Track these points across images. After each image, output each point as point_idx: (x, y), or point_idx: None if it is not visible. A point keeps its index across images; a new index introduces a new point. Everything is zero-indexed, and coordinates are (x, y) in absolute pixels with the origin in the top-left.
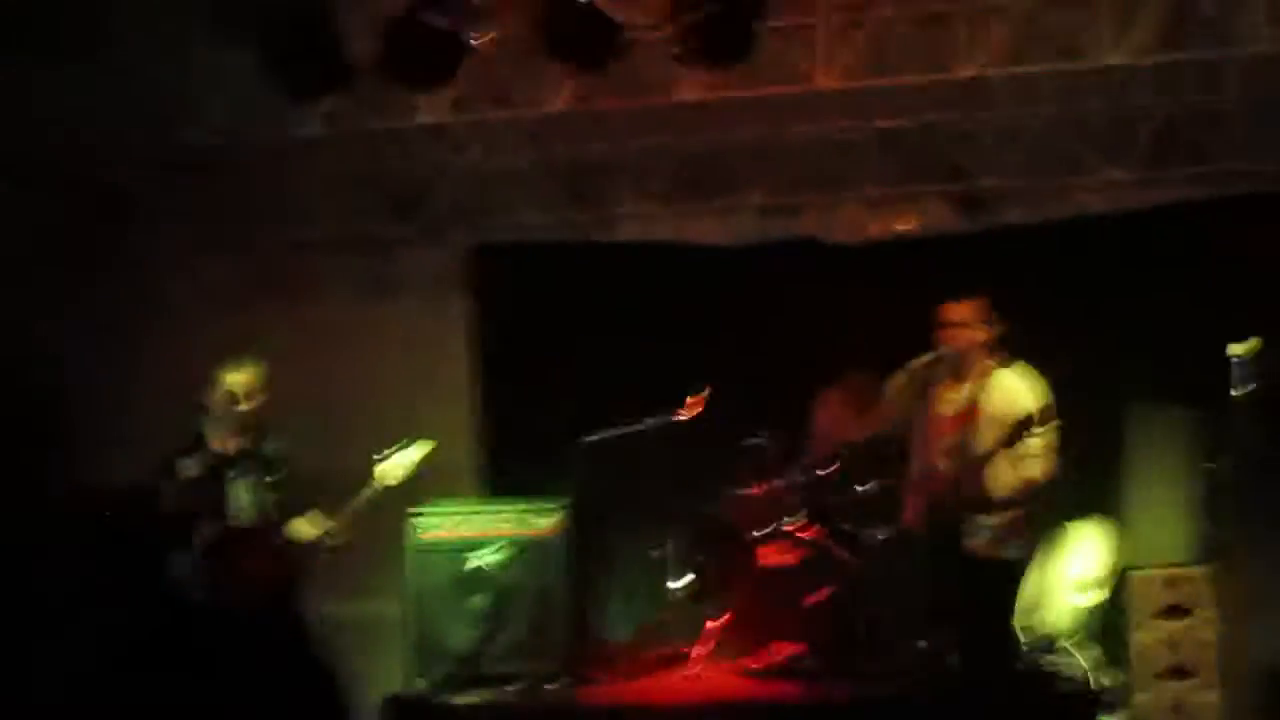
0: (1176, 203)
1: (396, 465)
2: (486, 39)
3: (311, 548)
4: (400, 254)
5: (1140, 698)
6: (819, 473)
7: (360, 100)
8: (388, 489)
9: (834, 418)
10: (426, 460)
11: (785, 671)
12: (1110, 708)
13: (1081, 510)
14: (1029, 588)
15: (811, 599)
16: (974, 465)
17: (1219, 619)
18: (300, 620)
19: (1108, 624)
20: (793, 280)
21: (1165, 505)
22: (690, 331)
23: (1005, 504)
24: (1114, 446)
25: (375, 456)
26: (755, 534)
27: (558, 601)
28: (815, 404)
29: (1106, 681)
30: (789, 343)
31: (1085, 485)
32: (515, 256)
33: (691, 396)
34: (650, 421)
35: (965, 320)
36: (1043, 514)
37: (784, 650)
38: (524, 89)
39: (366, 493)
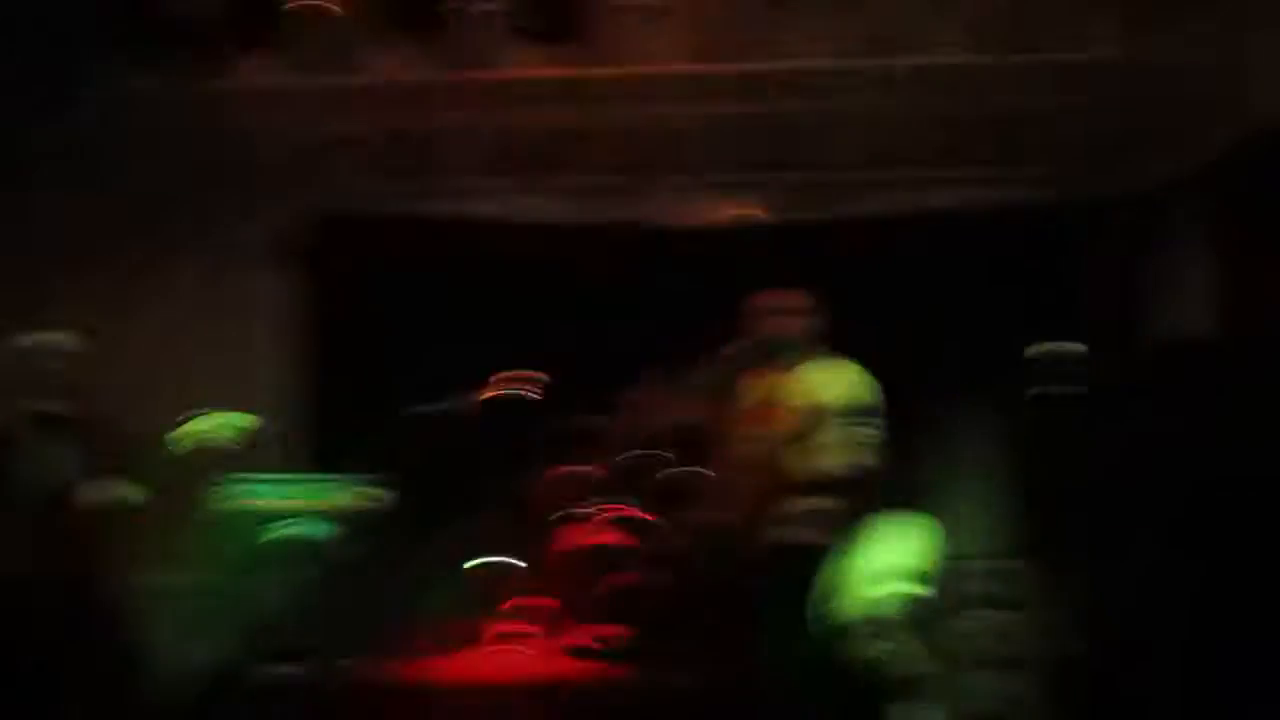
0: (1013, 203)
1: (204, 429)
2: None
3: (118, 513)
4: (223, 219)
5: (957, 686)
6: (631, 455)
7: (189, 58)
8: (201, 453)
9: (648, 403)
10: (242, 431)
11: (586, 652)
12: (922, 695)
13: (900, 503)
14: (832, 576)
15: (618, 580)
16: (796, 451)
17: (1033, 610)
18: (101, 588)
19: (927, 615)
20: (620, 263)
21: (985, 501)
22: (517, 310)
23: (823, 491)
24: (937, 442)
25: (179, 419)
26: (566, 513)
27: (368, 577)
28: (632, 388)
29: (920, 670)
30: (613, 327)
31: (905, 479)
32: (343, 226)
33: (512, 374)
34: (469, 398)
35: (779, 308)
36: (854, 506)
37: (587, 632)
38: (356, 55)
39: (174, 454)
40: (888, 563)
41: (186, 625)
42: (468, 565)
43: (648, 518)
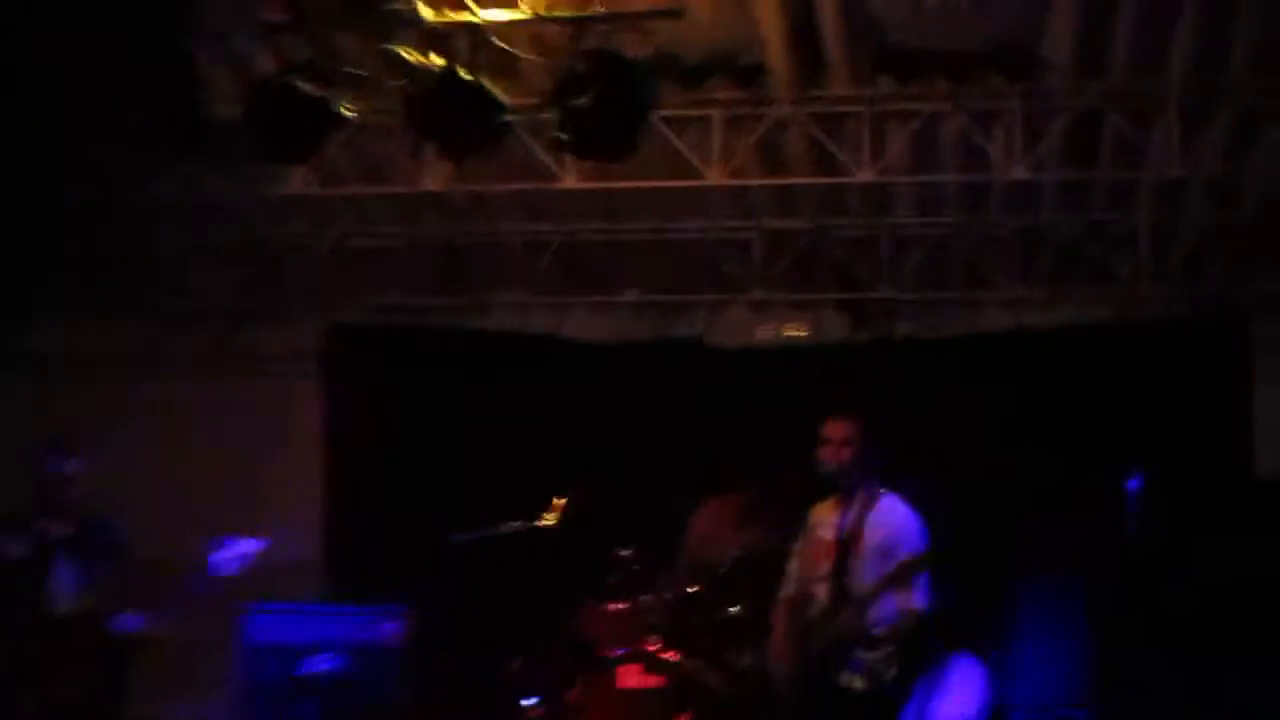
0: (1076, 324)
1: (231, 558)
2: (359, 110)
3: (138, 641)
4: (252, 330)
5: None
6: (687, 590)
7: (222, 165)
8: (222, 580)
9: (708, 532)
10: (262, 555)
11: None
12: None
13: (959, 644)
14: None
15: None
16: (857, 598)
17: None
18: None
19: None
20: (672, 383)
21: (1048, 642)
22: (560, 431)
23: (884, 638)
24: (998, 578)
25: (213, 544)
26: (615, 652)
27: (386, 708)
28: (690, 516)
29: None
30: (664, 449)
31: (964, 618)
32: (375, 339)
33: (556, 500)
34: (511, 526)
35: (847, 438)
36: (912, 652)
37: None
38: (398, 164)
39: (204, 583)
40: (959, 710)
41: None
42: (517, 705)
43: (705, 657)
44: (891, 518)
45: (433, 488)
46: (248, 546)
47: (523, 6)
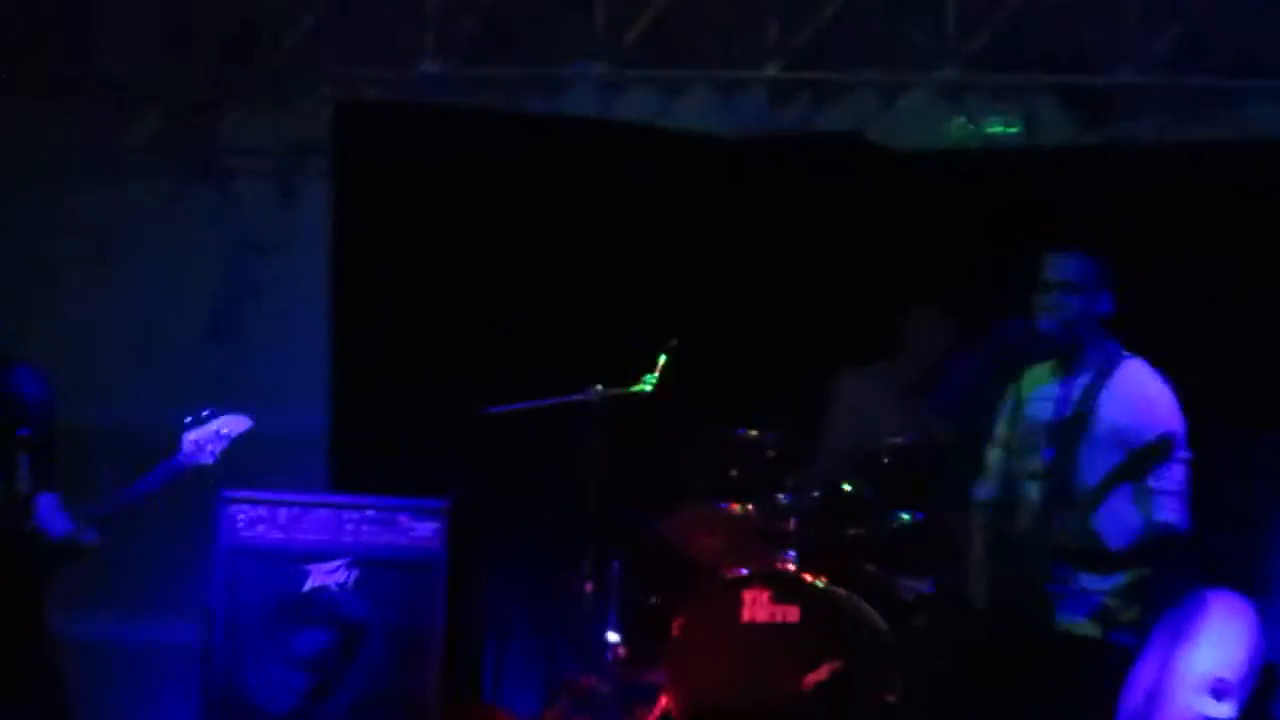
0: None
1: (206, 439)
2: None
3: (71, 542)
4: (231, 114)
5: None
6: (836, 488)
7: None
8: (196, 469)
9: (867, 407)
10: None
11: None
12: None
13: (1213, 577)
14: (1139, 685)
15: (814, 676)
16: (1084, 499)
17: None
18: (40, 643)
19: None
20: (821, 196)
21: None
22: (660, 260)
23: (1124, 560)
24: (1260, 489)
25: (187, 421)
26: (735, 573)
27: (428, 649)
28: (841, 385)
29: None
30: (807, 291)
31: (1226, 542)
32: (401, 123)
33: (650, 359)
34: (587, 392)
35: (1074, 280)
36: (1165, 578)
37: None
38: None
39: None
40: (1216, 666)
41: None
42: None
43: (861, 583)
44: (1136, 390)
45: (480, 337)
46: (230, 425)
47: None
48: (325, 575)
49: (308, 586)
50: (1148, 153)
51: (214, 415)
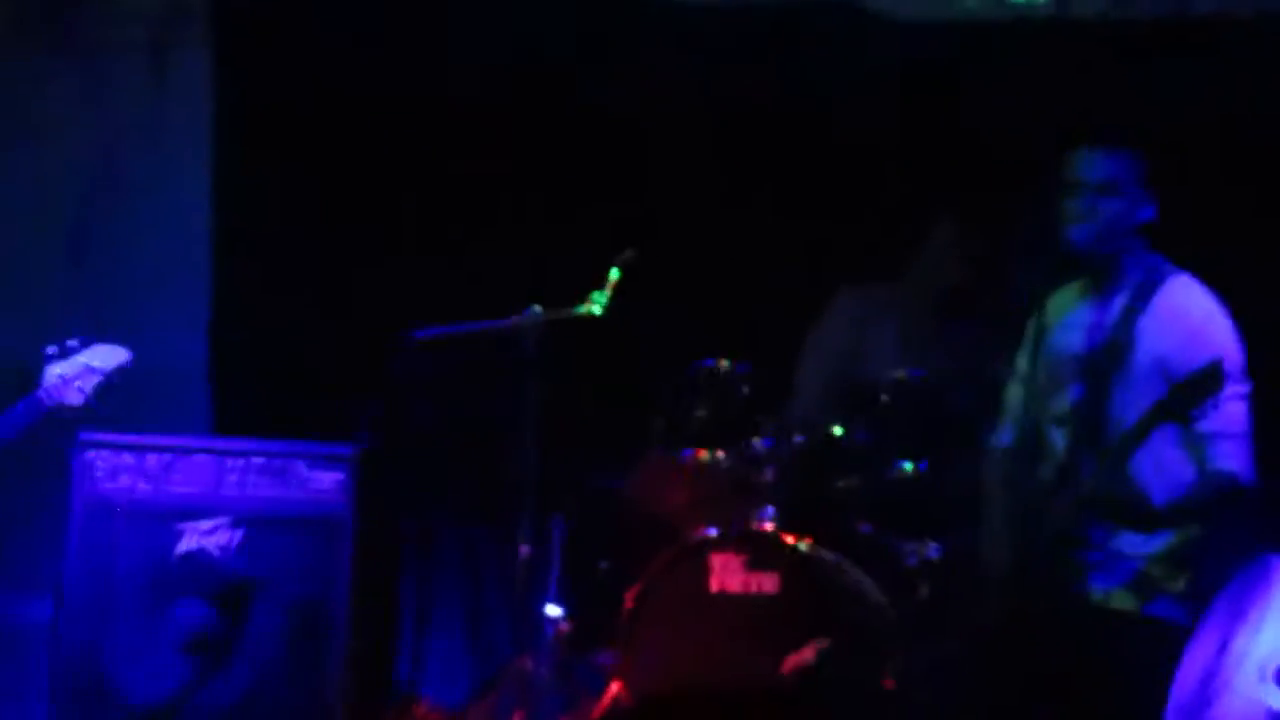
0: None
1: (73, 376)
2: None
3: None
4: None
5: None
6: (823, 433)
7: None
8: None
9: (858, 339)
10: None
11: None
12: None
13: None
14: (1193, 669)
15: (796, 657)
16: (1121, 444)
17: None
18: None
19: None
20: (806, 78)
21: None
22: (598, 156)
23: (1170, 518)
24: None
25: (49, 352)
26: (703, 534)
27: (331, 627)
28: (830, 308)
29: None
30: (790, 194)
31: None
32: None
33: (599, 274)
34: (525, 315)
35: (1111, 179)
36: (1221, 542)
37: None
38: None
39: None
40: (1272, 651)
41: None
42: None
43: (853, 544)
44: (1184, 313)
45: (394, 248)
46: (102, 358)
47: None
48: (204, 536)
49: (183, 549)
50: (1206, 27)
51: (83, 345)
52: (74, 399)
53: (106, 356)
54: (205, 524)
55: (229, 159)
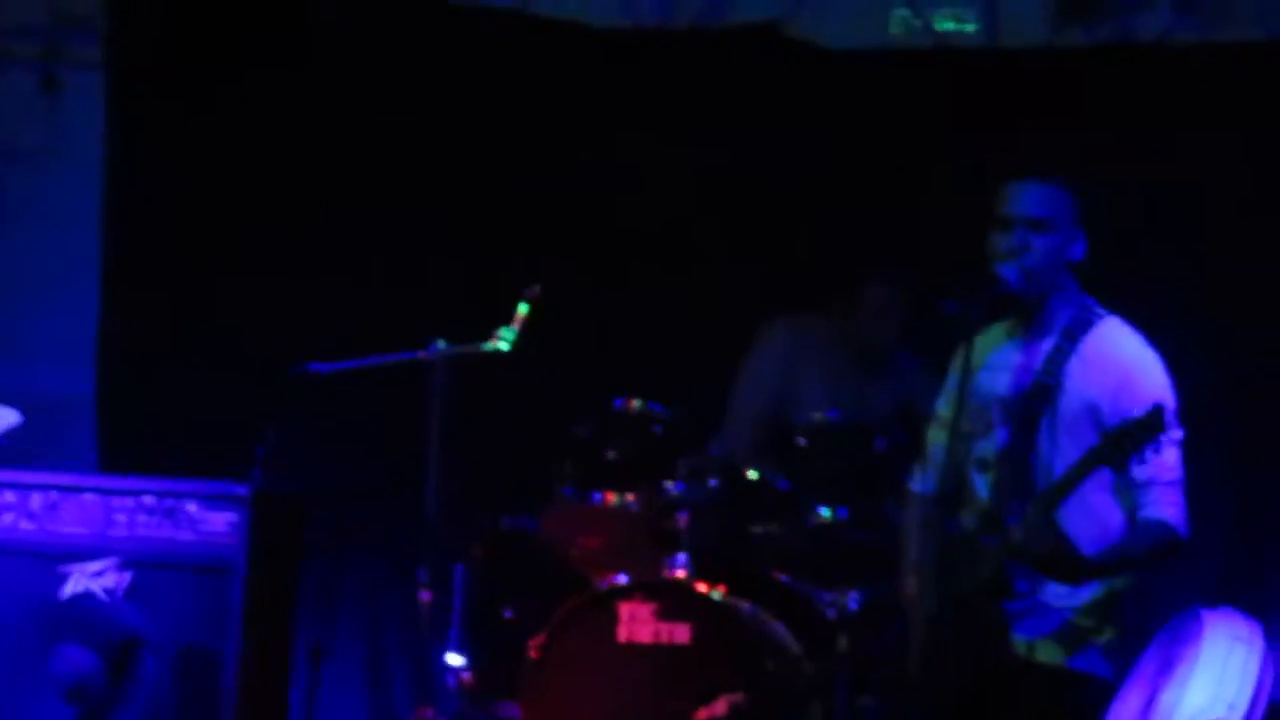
0: None
1: None
2: None
3: None
4: None
5: None
6: (739, 473)
7: None
8: None
9: (778, 371)
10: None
11: None
12: None
13: (1220, 595)
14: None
15: (708, 711)
16: (1051, 490)
17: None
18: None
19: None
20: (729, 107)
21: None
22: (509, 183)
23: (1099, 568)
24: (1265, 489)
25: None
26: (612, 581)
27: (221, 674)
28: (751, 343)
29: None
30: (711, 225)
31: (1232, 551)
32: None
33: (507, 309)
34: (431, 349)
35: (1041, 216)
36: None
37: None
38: None
39: None
40: (1200, 707)
41: None
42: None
43: (771, 592)
44: (1114, 356)
45: (292, 276)
46: None
47: None
48: (90, 579)
49: (68, 593)
50: (1144, 56)
51: None
52: None
53: None
54: (92, 566)
55: (120, 183)
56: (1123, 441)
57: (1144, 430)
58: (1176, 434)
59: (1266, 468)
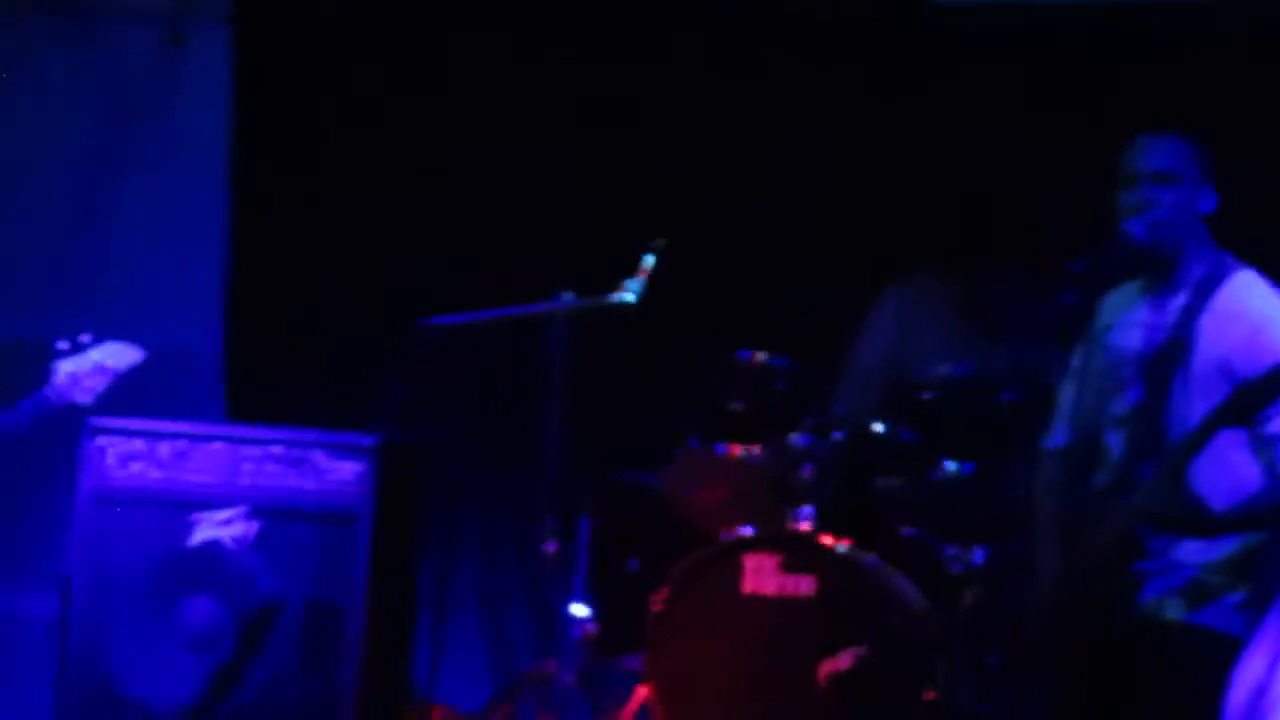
0: None
1: (85, 374)
2: None
3: None
4: None
5: None
6: (863, 428)
7: None
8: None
9: (899, 338)
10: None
11: None
12: None
13: None
14: (1245, 682)
15: (833, 664)
16: (1179, 448)
17: None
18: None
19: None
20: (846, 58)
21: None
22: (633, 138)
23: (1231, 524)
24: None
25: (60, 347)
26: (736, 533)
27: (348, 625)
28: (877, 302)
29: None
30: (833, 181)
31: None
32: None
33: (633, 260)
34: (553, 302)
35: (1169, 169)
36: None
37: None
38: None
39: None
40: None
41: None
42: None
43: (899, 548)
44: (1248, 310)
45: (418, 229)
46: (114, 356)
47: None
48: (218, 527)
49: (196, 541)
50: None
51: (95, 343)
52: (83, 398)
53: (119, 355)
54: (220, 515)
55: (245, 136)
56: (1252, 397)
57: (1271, 386)
58: None
59: None
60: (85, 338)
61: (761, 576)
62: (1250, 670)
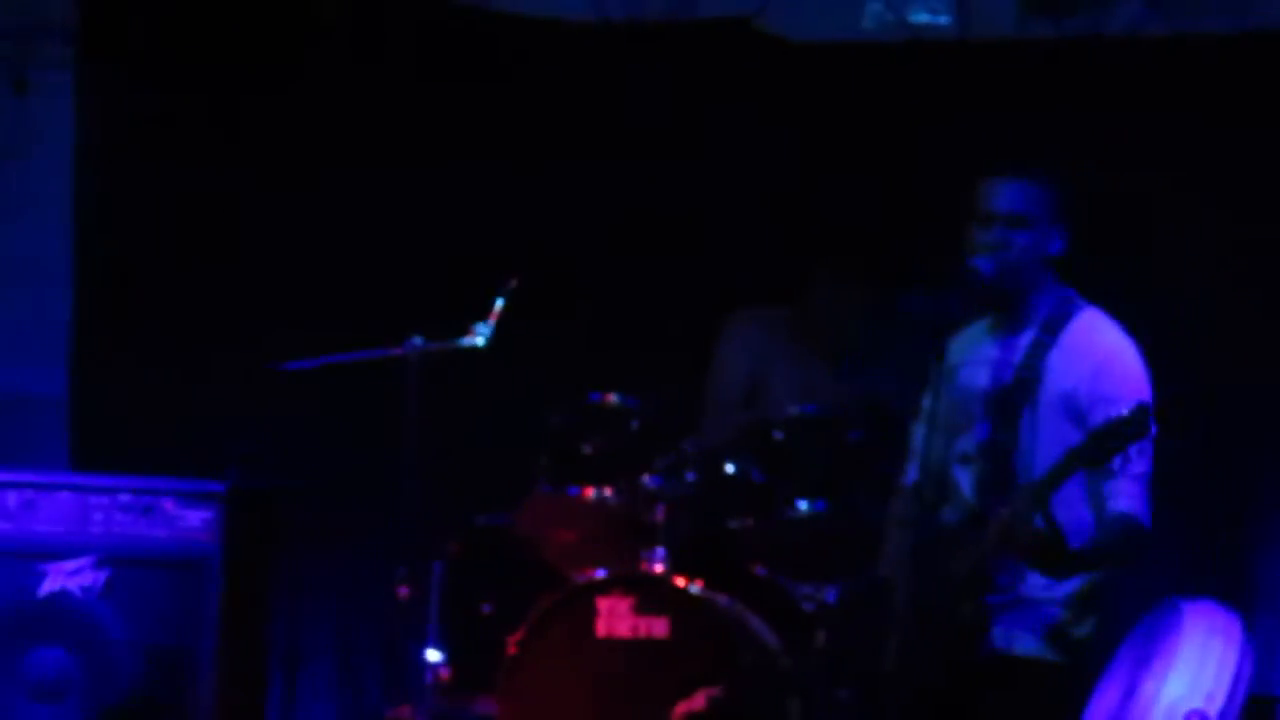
0: None
1: None
2: None
3: None
4: None
5: None
6: (716, 467)
7: None
8: None
9: (754, 371)
10: None
11: None
12: None
13: (1197, 586)
14: (1099, 715)
15: (687, 706)
16: (1038, 487)
17: None
18: None
19: None
20: (701, 97)
21: None
22: (484, 180)
23: (1082, 561)
24: (1244, 480)
25: None
26: (590, 575)
27: (198, 672)
28: (722, 334)
29: None
30: (680, 218)
31: (1207, 542)
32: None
33: (483, 304)
34: (405, 345)
35: (1020, 212)
36: (1127, 587)
37: None
38: None
39: None
40: (1178, 698)
41: None
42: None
43: (750, 586)
44: (1094, 348)
45: (267, 274)
46: None
47: None
48: (67, 577)
49: (44, 592)
50: (1116, 50)
51: None
52: None
53: None
54: (68, 565)
55: (92, 180)
56: (1107, 441)
57: (1130, 429)
58: (1152, 431)
59: (1246, 456)
60: None
61: (615, 618)
62: (1104, 703)
